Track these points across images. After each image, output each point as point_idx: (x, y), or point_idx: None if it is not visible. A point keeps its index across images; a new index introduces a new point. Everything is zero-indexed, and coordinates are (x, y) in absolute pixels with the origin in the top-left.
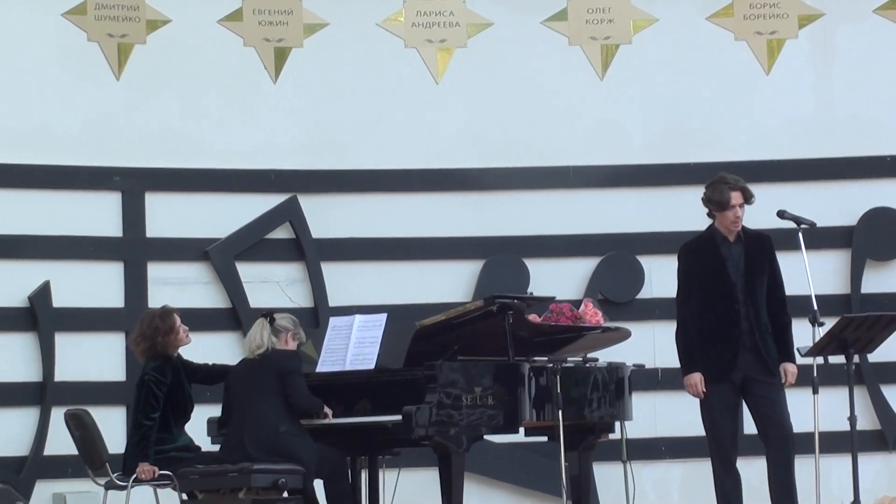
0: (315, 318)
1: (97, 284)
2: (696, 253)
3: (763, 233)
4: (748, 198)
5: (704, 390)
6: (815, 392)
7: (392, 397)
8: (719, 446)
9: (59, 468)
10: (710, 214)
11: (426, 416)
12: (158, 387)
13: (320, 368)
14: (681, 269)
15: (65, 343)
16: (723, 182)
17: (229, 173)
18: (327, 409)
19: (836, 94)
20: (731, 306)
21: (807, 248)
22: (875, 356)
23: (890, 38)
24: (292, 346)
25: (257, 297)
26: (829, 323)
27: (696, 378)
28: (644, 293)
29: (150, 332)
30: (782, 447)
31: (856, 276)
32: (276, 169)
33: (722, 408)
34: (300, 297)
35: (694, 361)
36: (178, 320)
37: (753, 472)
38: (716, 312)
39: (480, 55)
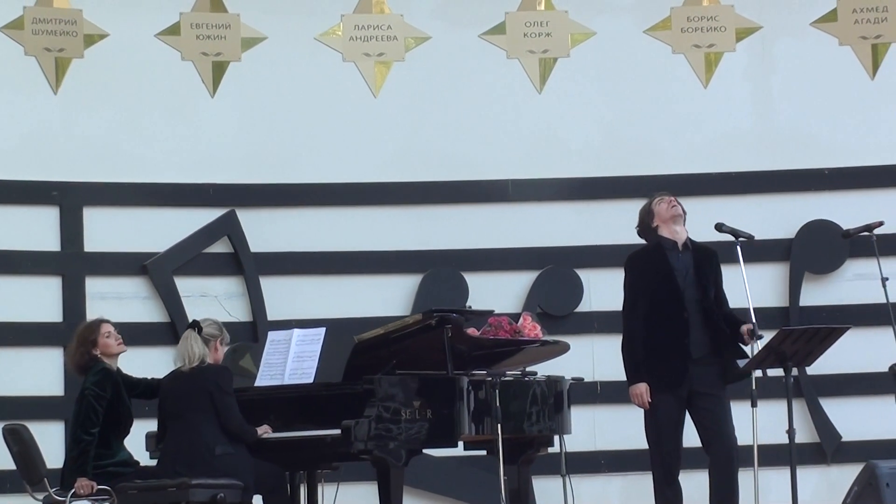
0: (253, 332)
1: (35, 299)
2: (643, 262)
3: (710, 247)
4: (679, 202)
5: (650, 400)
6: (754, 405)
7: (331, 411)
8: (663, 458)
9: None
10: (646, 233)
11: (365, 430)
12: (98, 401)
13: (259, 382)
14: (628, 278)
15: (2, 358)
16: (647, 201)
17: (167, 187)
18: (263, 429)
19: (774, 106)
20: (679, 315)
21: (745, 261)
22: (813, 369)
23: (827, 51)
24: (221, 351)
25: (196, 312)
26: (768, 336)
27: (642, 388)
28: (583, 306)
29: (76, 343)
30: (726, 462)
31: (794, 289)
32: (215, 183)
33: (667, 419)
34: (239, 312)
35: (640, 372)
36: (104, 328)
37: (693, 486)
38: (664, 322)
39: (419, 69)
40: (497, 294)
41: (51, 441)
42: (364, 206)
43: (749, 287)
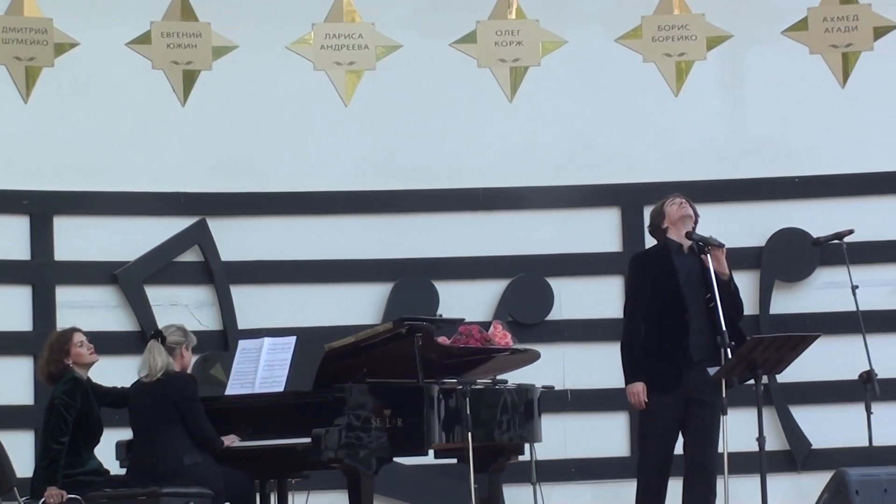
0: (224, 340)
1: (5, 308)
2: (646, 262)
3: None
4: (692, 206)
5: (646, 400)
6: (724, 413)
7: (301, 420)
8: (651, 463)
9: None
10: (656, 233)
11: (335, 438)
12: (68, 410)
13: (229, 391)
14: (630, 278)
15: None
16: (661, 201)
17: (138, 196)
18: (230, 439)
19: (744, 115)
20: (680, 317)
21: None
22: (783, 377)
23: (798, 60)
24: (188, 357)
25: (166, 321)
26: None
27: (639, 388)
28: (553, 315)
29: (48, 353)
30: (707, 483)
31: (764, 298)
32: (185, 192)
33: (661, 420)
34: (209, 321)
35: (637, 371)
36: (76, 337)
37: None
38: (664, 323)
39: (390, 77)
40: (467, 302)
41: (21, 450)
42: (335, 214)
43: (719, 295)
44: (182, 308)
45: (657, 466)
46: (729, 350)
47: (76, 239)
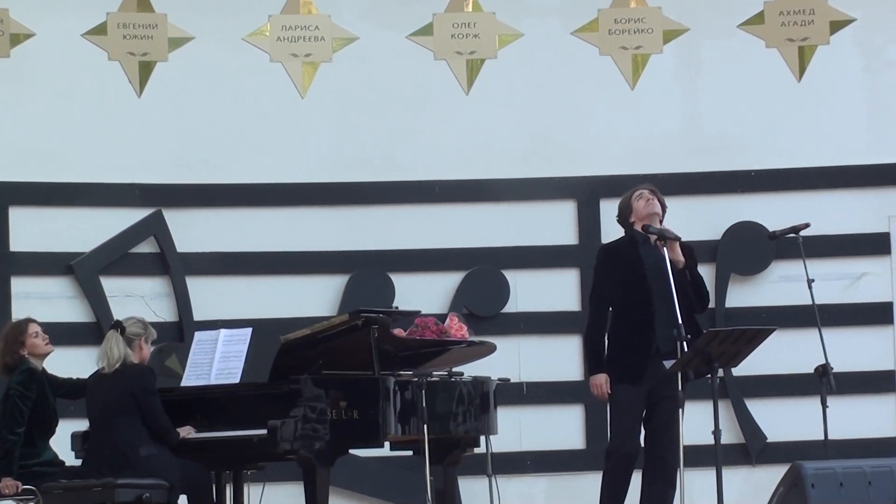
0: (180, 332)
1: None
2: (613, 254)
3: (686, 242)
4: (660, 199)
5: (609, 391)
6: (681, 406)
7: (257, 411)
8: (619, 451)
9: None
10: (624, 224)
11: (291, 430)
12: (23, 401)
13: (185, 383)
14: (597, 269)
15: None
16: (630, 190)
17: (94, 187)
18: (186, 430)
19: (700, 108)
20: (646, 309)
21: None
22: (739, 370)
23: (754, 53)
24: (146, 350)
25: (122, 312)
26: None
27: (601, 379)
28: (509, 307)
29: (3, 343)
30: (667, 476)
31: (720, 291)
32: (141, 183)
33: (626, 410)
34: (165, 312)
35: (601, 362)
36: (31, 328)
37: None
38: (630, 315)
39: (346, 69)
40: (424, 295)
41: None
42: (291, 206)
43: (675, 288)
44: (138, 299)
45: (625, 457)
46: (685, 343)
47: (32, 230)
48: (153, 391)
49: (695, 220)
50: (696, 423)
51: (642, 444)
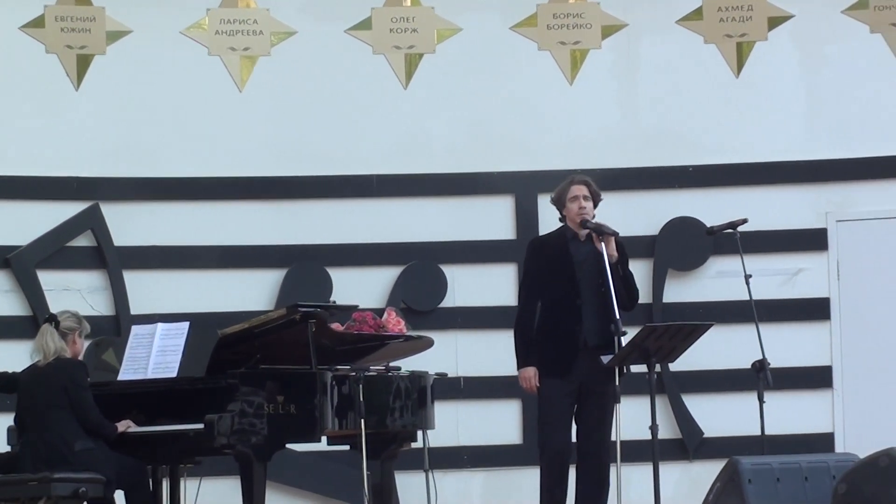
0: (117, 326)
1: None
2: (543, 248)
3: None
4: (594, 194)
5: (538, 385)
6: (617, 401)
7: (194, 406)
8: (550, 446)
9: None
10: (560, 219)
11: (228, 424)
12: None
13: (122, 377)
14: (526, 262)
15: None
16: (568, 180)
17: (31, 180)
18: (125, 423)
19: (639, 104)
20: (573, 302)
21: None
22: (676, 365)
23: (693, 49)
24: (81, 343)
25: (58, 306)
26: (632, 332)
27: (530, 373)
28: (447, 302)
29: None
30: (599, 473)
31: (658, 286)
32: (78, 176)
33: (555, 404)
34: (102, 306)
35: (529, 356)
36: None
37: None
38: (558, 309)
39: (284, 63)
40: (361, 289)
41: None
42: (228, 200)
43: (612, 283)
44: (74, 293)
45: (556, 452)
46: (623, 338)
47: None
48: (85, 386)
49: (632, 215)
50: (633, 418)
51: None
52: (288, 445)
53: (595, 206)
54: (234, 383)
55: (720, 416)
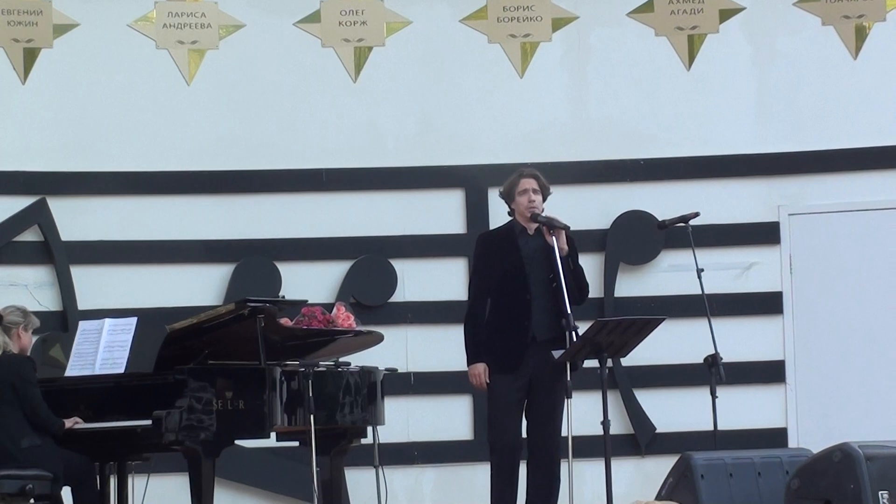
0: (64, 321)
1: None
2: (492, 242)
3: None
4: (543, 187)
5: (488, 381)
6: (569, 396)
7: (142, 402)
8: (502, 448)
9: None
10: (509, 213)
11: (176, 420)
12: None
13: (69, 373)
14: (475, 257)
15: None
16: (517, 173)
17: None
18: (73, 420)
19: (589, 97)
20: (522, 297)
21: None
22: (628, 360)
23: (643, 42)
24: (26, 338)
25: (5, 301)
26: (583, 327)
27: (480, 368)
28: (397, 297)
29: None
30: (549, 468)
31: (609, 280)
32: (25, 171)
33: (504, 401)
34: (49, 301)
35: (479, 352)
36: None
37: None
38: (507, 303)
39: (232, 57)
40: (310, 284)
41: None
42: (176, 194)
43: (563, 277)
44: (21, 288)
45: (506, 448)
46: (574, 333)
47: None
48: (33, 381)
49: (583, 209)
50: (585, 413)
51: (524, 435)
52: (237, 441)
53: (544, 199)
54: (182, 379)
55: (673, 411)
